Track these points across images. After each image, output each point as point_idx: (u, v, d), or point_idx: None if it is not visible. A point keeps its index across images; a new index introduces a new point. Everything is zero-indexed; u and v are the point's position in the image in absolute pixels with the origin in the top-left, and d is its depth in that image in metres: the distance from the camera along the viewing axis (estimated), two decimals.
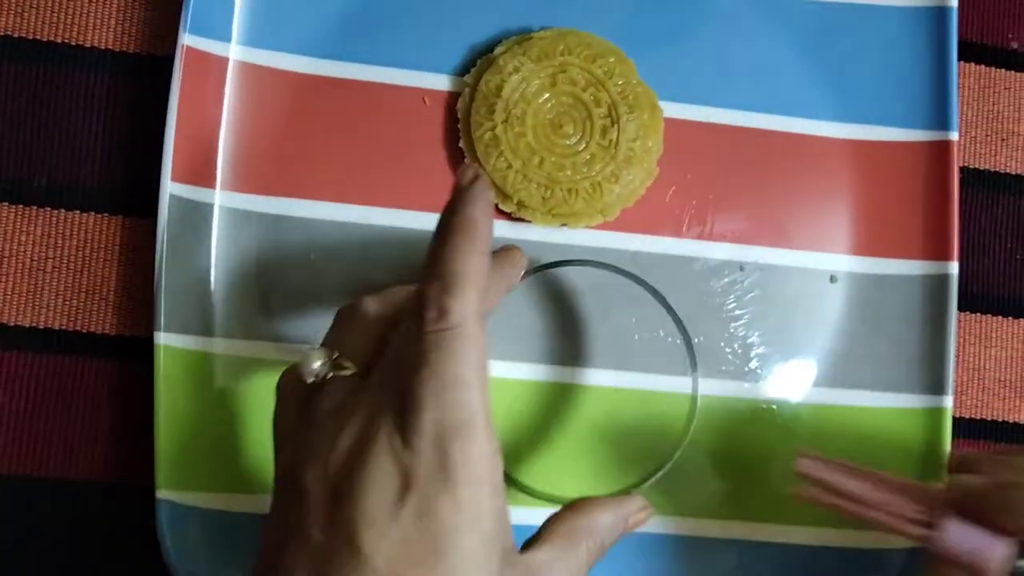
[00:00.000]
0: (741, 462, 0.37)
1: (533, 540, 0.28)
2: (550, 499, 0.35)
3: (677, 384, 0.37)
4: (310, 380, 0.28)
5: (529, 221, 0.37)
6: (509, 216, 0.37)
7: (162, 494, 0.34)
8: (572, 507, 0.30)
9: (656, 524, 0.37)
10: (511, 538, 0.27)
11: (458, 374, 0.25)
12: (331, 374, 0.28)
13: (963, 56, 0.41)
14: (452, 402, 0.25)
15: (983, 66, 0.42)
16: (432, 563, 0.24)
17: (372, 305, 0.29)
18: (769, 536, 0.37)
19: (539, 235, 0.37)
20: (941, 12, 0.39)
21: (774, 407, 0.38)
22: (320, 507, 0.25)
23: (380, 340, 0.29)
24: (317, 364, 0.28)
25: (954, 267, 0.38)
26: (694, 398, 0.36)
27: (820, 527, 0.37)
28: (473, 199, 0.27)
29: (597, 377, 0.37)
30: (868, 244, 0.39)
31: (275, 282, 0.36)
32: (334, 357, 0.28)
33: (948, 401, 0.37)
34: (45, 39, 0.37)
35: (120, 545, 0.36)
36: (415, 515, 0.24)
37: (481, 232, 0.26)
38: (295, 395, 0.29)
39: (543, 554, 0.28)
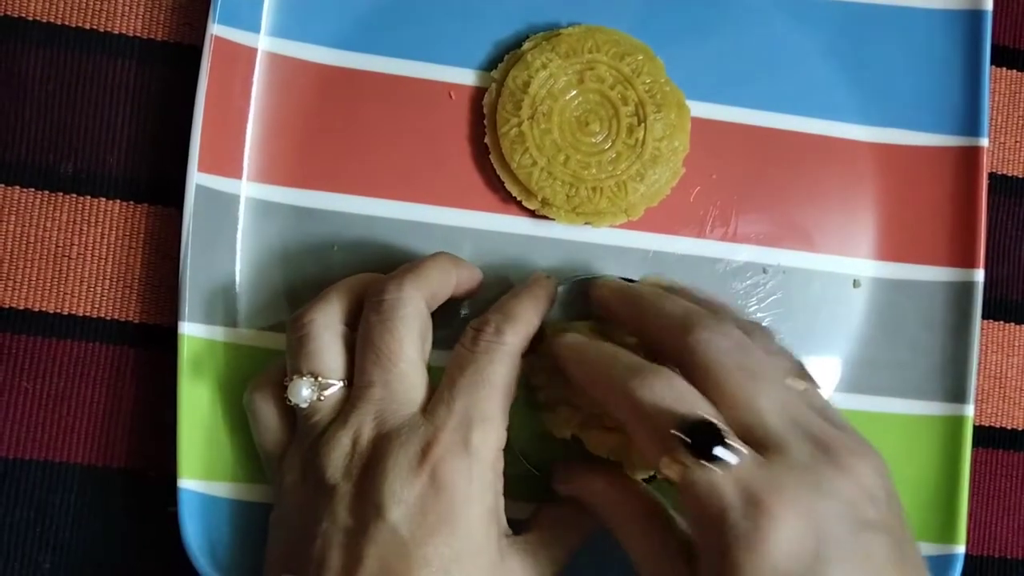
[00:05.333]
0: None
1: (524, 526, 0.33)
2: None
3: None
4: (304, 406, 0.31)
5: (552, 219, 0.37)
6: (532, 214, 0.37)
7: (184, 482, 0.34)
8: (560, 504, 0.34)
9: None
10: (504, 520, 0.31)
11: (495, 379, 0.31)
12: (319, 396, 0.31)
13: (994, 60, 0.40)
14: (484, 397, 0.30)
15: (1015, 71, 0.41)
16: (447, 531, 0.29)
17: (323, 319, 0.32)
18: None
19: (562, 233, 0.37)
20: (975, 16, 0.38)
21: None
22: (348, 496, 0.29)
23: (345, 345, 0.32)
24: (306, 392, 0.31)
25: (980, 274, 0.38)
26: None
27: None
28: (547, 284, 0.34)
29: None
30: (893, 249, 0.38)
31: (299, 273, 0.36)
32: (318, 380, 0.31)
33: (969, 409, 0.37)
34: (74, 25, 0.37)
35: (141, 532, 0.36)
36: (430, 480, 0.29)
37: (544, 305, 0.33)
38: (281, 419, 0.33)
39: (532, 537, 0.32)
